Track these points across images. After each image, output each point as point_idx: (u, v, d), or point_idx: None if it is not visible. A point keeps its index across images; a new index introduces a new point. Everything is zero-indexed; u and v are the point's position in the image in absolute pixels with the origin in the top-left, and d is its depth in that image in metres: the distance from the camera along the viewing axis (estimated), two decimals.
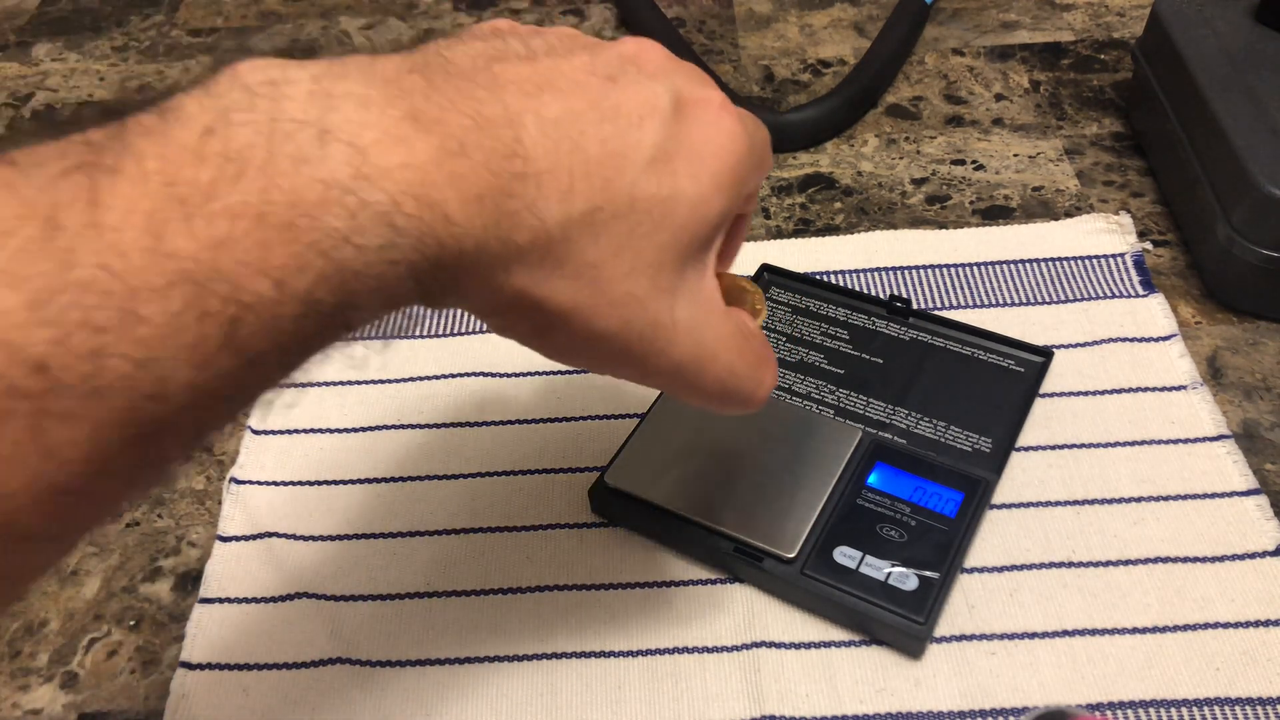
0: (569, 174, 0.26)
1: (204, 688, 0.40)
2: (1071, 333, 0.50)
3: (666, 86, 0.29)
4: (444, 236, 0.24)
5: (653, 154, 0.27)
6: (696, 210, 0.28)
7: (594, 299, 0.27)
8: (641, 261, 0.27)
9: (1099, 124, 0.62)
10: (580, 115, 0.27)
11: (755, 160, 0.31)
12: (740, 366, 0.31)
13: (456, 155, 0.24)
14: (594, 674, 0.39)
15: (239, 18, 0.75)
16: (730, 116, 0.29)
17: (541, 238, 0.26)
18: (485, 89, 0.26)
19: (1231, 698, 0.37)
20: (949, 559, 0.40)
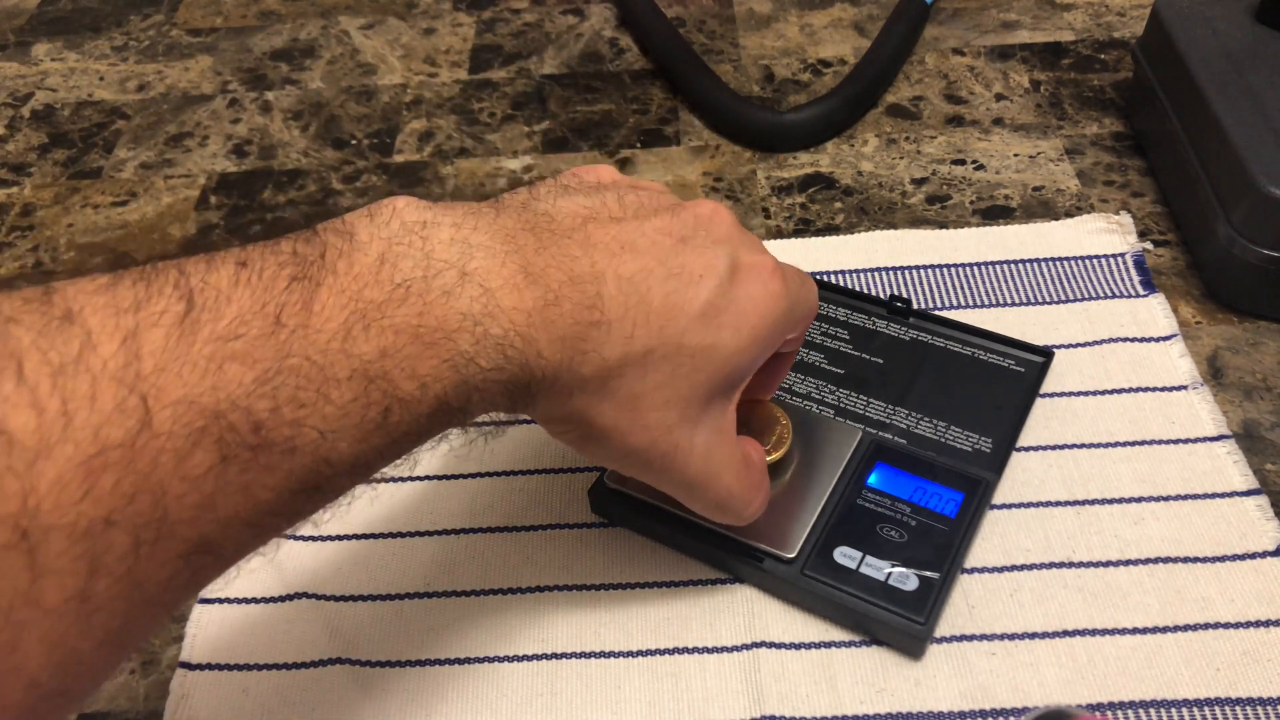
0: (633, 323, 0.32)
1: (204, 688, 0.40)
2: (1072, 333, 0.50)
3: (728, 251, 0.34)
4: (534, 366, 0.30)
5: (704, 308, 0.33)
6: (731, 359, 0.34)
7: (632, 422, 0.33)
8: (677, 395, 0.33)
9: (1099, 124, 0.62)
10: (651, 272, 0.33)
11: (794, 317, 0.36)
12: (737, 489, 0.36)
13: (552, 305, 0.30)
14: (594, 674, 0.39)
15: (239, 18, 0.75)
16: (777, 280, 0.35)
17: (602, 372, 0.32)
18: (579, 247, 0.32)
19: (1232, 698, 0.37)
20: (949, 559, 0.40)
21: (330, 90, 0.68)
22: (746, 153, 0.62)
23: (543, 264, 0.31)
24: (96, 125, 0.67)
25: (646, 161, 0.62)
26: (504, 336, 0.29)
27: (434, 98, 0.67)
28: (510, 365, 0.29)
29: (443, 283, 0.29)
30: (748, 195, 0.59)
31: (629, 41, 0.71)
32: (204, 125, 0.66)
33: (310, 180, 0.62)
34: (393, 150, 0.64)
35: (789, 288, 0.35)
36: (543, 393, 0.31)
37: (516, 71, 0.69)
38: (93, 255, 0.58)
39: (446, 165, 0.62)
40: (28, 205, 0.62)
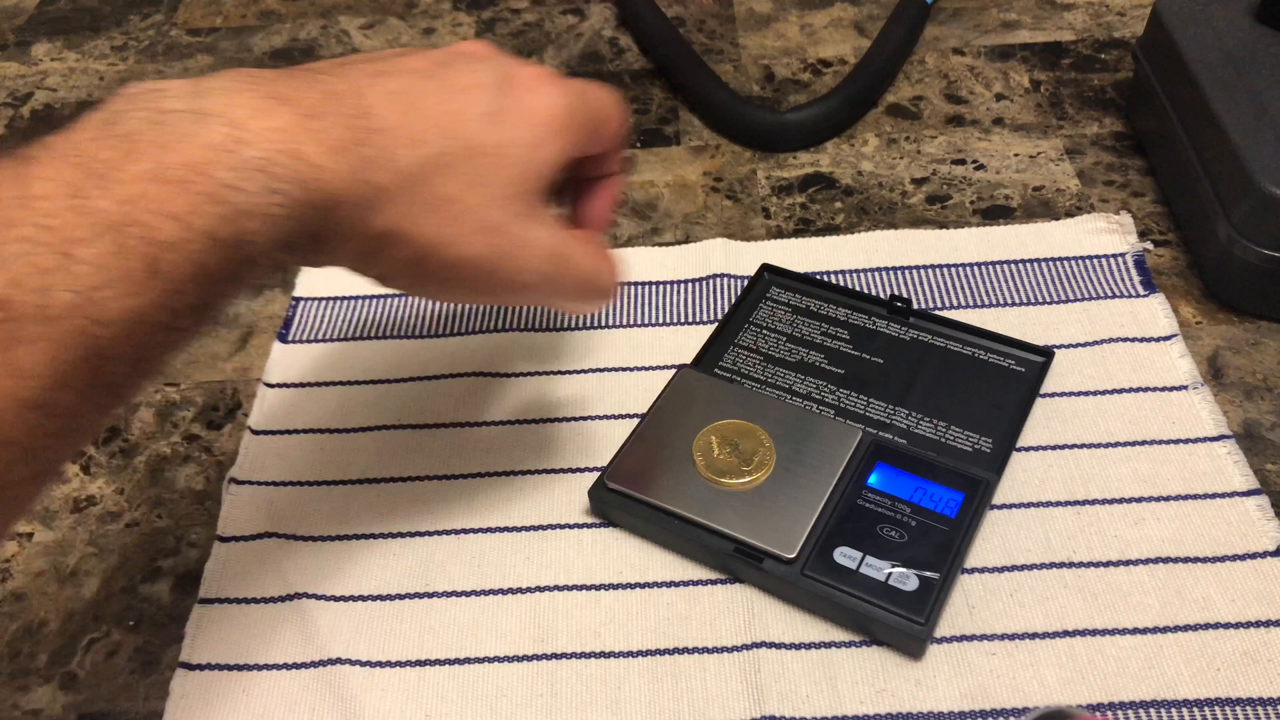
0: (415, 129, 0.32)
1: (204, 688, 0.40)
2: (1072, 333, 0.50)
3: (491, 66, 0.35)
4: (312, 180, 0.29)
5: (485, 110, 0.33)
6: (532, 153, 0.34)
7: (456, 227, 0.33)
8: (494, 194, 0.33)
9: (1099, 124, 0.62)
10: (415, 86, 0.33)
11: (583, 117, 0.36)
12: (591, 263, 0.37)
13: (313, 118, 0.30)
14: (594, 674, 0.39)
15: (238, 18, 0.75)
16: (550, 82, 0.35)
17: (400, 178, 0.31)
18: (332, 76, 0.32)
19: (1232, 698, 0.37)
20: (949, 559, 0.40)
21: None
22: (746, 153, 0.62)
23: (292, 89, 0.30)
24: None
25: (646, 161, 0.62)
26: (265, 157, 0.29)
27: None
28: (284, 185, 0.29)
29: (177, 125, 0.28)
30: (748, 195, 0.59)
31: (629, 41, 0.71)
32: None
33: None
34: None
35: (567, 88, 0.36)
36: (340, 211, 0.30)
37: None
38: None
39: None
40: None
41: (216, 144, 0.28)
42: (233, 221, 0.28)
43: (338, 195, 0.30)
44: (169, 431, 0.49)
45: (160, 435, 0.49)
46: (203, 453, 0.48)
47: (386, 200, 0.31)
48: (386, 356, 0.51)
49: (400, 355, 0.51)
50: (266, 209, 0.29)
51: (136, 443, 0.49)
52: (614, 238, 0.57)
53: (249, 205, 0.28)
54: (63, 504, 0.46)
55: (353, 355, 0.51)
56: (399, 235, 0.32)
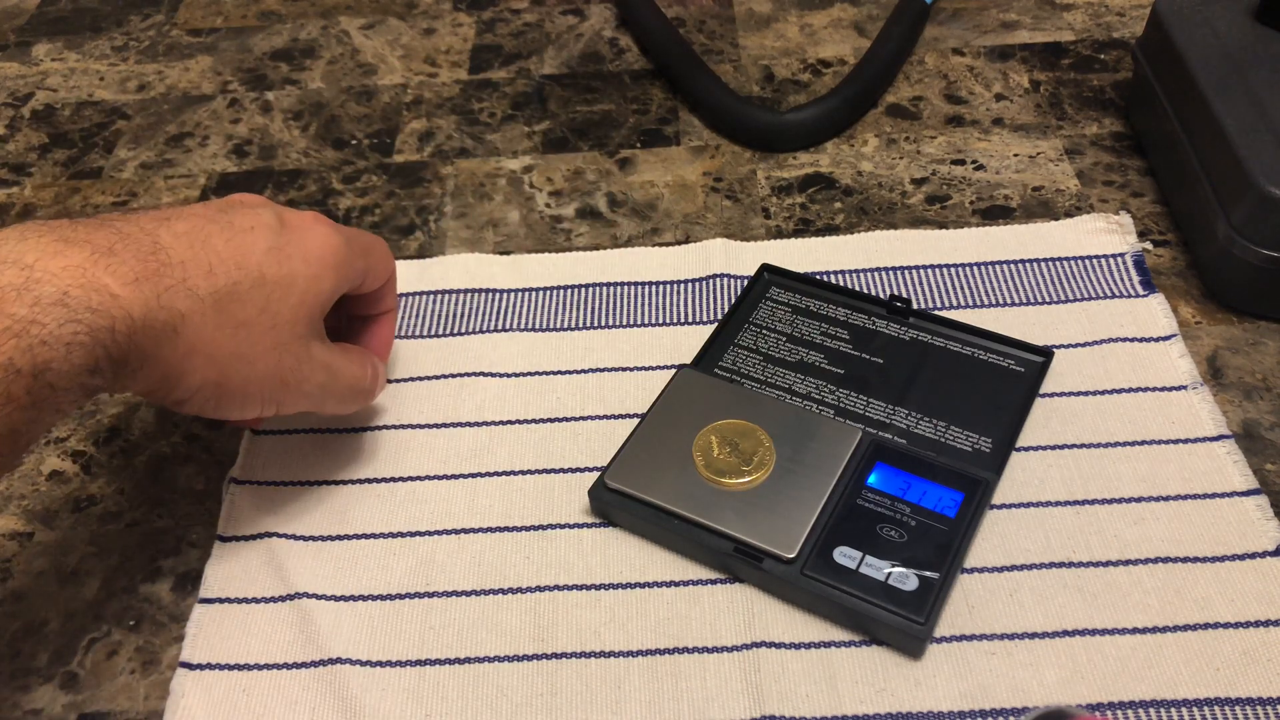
0: (207, 262, 0.36)
1: (204, 688, 0.40)
2: (1071, 333, 0.50)
3: (269, 210, 0.39)
4: (113, 306, 0.32)
5: (268, 246, 0.38)
6: (313, 283, 0.39)
7: (251, 346, 0.37)
8: (281, 319, 0.38)
9: (1099, 124, 0.62)
10: (202, 228, 0.37)
11: (356, 256, 0.42)
12: (356, 372, 0.43)
13: (108, 255, 0.33)
14: (594, 674, 0.39)
15: (239, 18, 0.75)
16: (322, 225, 0.40)
17: (198, 304, 0.35)
18: (122, 221, 0.35)
19: (1231, 698, 0.37)
20: (949, 559, 0.40)
21: (330, 90, 0.68)
22: (746, 153, 0.62)
23: (84, 233, 0.34)
24: (97, 125, 0.67)
25: (646, 161, 0.62)
26: (59, 292, 0.31)
27: (434, 98, 0.67)
28: (84, 314, 0.32)
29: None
30: (748, 195, 0.59)
31: (629, 41, 0.71)
32: (204, 125, 0.66)
33: (310, 180, 0.62)
34: (393, 150, 0.64)
35: (337, 230, 0.41)
36: (144, 336, 0.33)
37: (516, 71, 0.69)
38: None
39: (446, 165, 0.62)
40: (28, 205, 0.62)
41: (10, 284, 0.31)
42: (32, 352, 0.31)
43: (139, 319, 0.33)
44: (169, 431, 0.49)
45: (160, 435, 0.49)
46: (203, 453, 0.48)
47: (186, 325, 0.35)
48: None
49: (400, 355, 0.51)
50: (67, 338, 0.31)
51: (137, 442, 0.49)
52: (614, 238, 0.57)
53: (48, 336, 0.31)
54: (63, 504, 0.46)
55: None
56: (200, 355, 0.36)
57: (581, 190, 0.60)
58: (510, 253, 0.56)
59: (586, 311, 0.52)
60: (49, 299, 0.31)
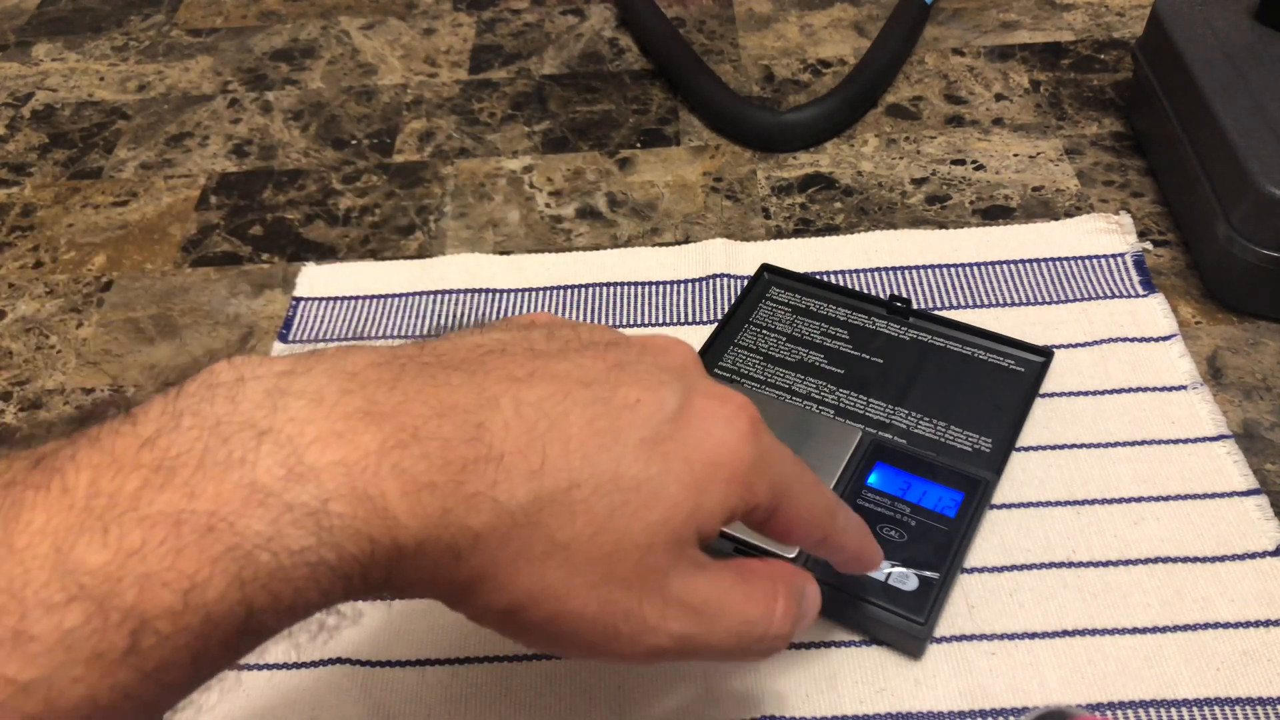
0: (542, 453, 0.25)
1: (204, 688, 0.39)
2: (1071, 333, 0.50)
3: (680, 382, 0.27)
4: (378, 531, 0.23)
5: (644, 435, 0.26)
6: (686, 499, 0.26)
7: (569, 580, 0.25)
8: (626, 543, 0.26)
9: (1099, 124, 0.62)
10: (567, 395, 0.26)
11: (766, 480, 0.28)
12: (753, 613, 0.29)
13: (405, 445, 0.23)
14: (594, 674, 0.39)
15: (239, 18, 0.75)
16: (743, 422, 0.28)
17: (504, 519, 0.24)
18: (465, 375, 0.25)
19: (1231, 698, 0.37)
20: (949, 559, 0.40)
21: (330, 90, 0.69)
22: (746, 153, 0.62)
23: (399, 398, 0.24)
24: (97, 125, 0.67)
25: (646, 161, 0.62)
26: (317, 504, 0.22)
27: (434, 98, 0.67)
28: (335, 540, 0.22)
29: (227, 451, 0.22)
30: (748, 195, 0.59)
31: (629, 41, 0.71)
32: (204, 125, 0.66)
33: (310, 180, 0.62)
34: (393, 150, 0.64)
35: (760, 437, 0.28)
36: (410, 565, 0.24)
37: (516, 71, 0.69)
38: (92, 255, 0.58)
39: (446, 165, 0.62)
40: (28, 205, 0.62)
41: (262, 482, 0.22)
42: (247, 590, 0.22)
43: (410, 548, 0.24)
44: None
45: None
46: None
47: (478, 548, 0.24)
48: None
49: None
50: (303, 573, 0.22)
51: None
52: (614, 238, 0.57)
53: (278, 569, 0.22)
54: None
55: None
56: (490, 583, 0.25)
57: (581, 190, 0.60)
58: (510, 253, 0.56)
59: (586, 311, 0.52)
60: (300, 510, 0.22)
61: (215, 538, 0.21)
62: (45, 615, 0.20)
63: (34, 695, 0.20)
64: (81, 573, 0.20)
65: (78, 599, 0.20)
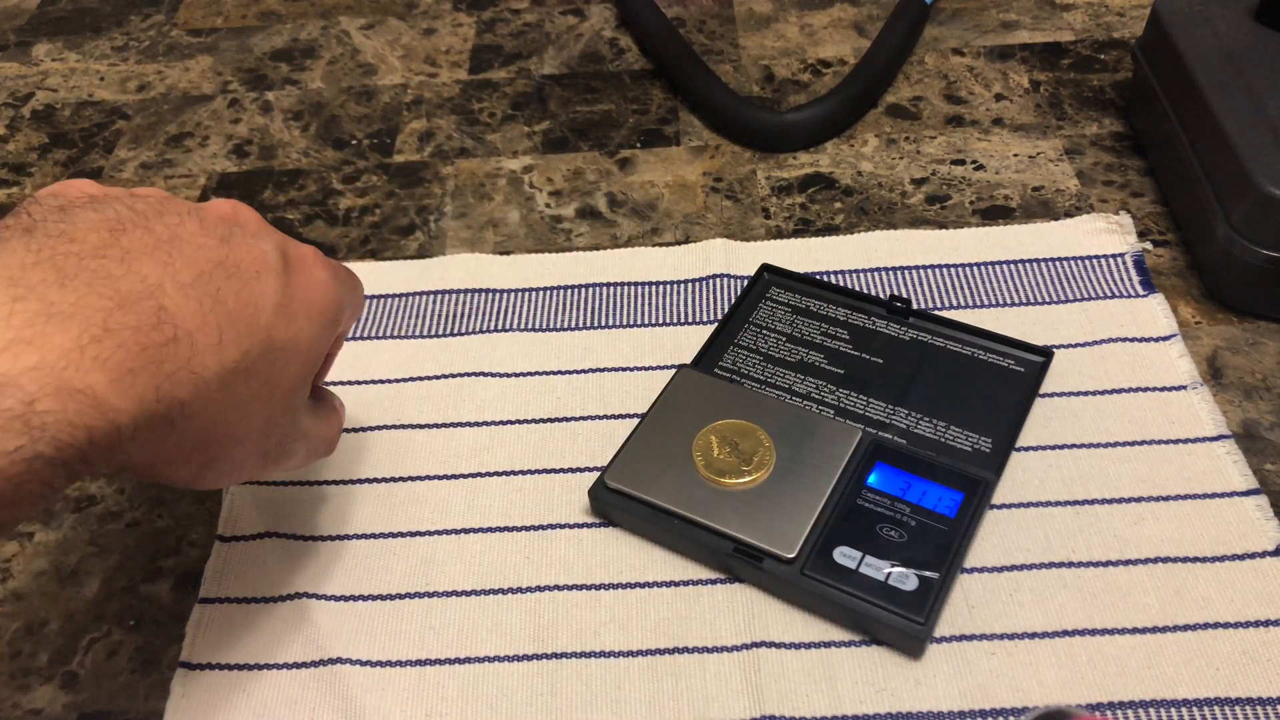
0: (217, 329, 0.30)
1: (204, 688, 0.40)
2: (1071, 333, 0.50)
3: (271, 244, 0.33)
4: (92, 419, 0.26)
5: (276, 302, 0.32)
6: (312, 348, 0.34)
7: (244, 427, 0.32)
8: (279, 391, 0.33)
9: (1099, 124, 0.62)
10: (211, 275, 0.30)
11: (349, 306, 0.37)
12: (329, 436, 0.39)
13: (100, 339, 0.26)
14: (594, 674, 0.39)
15: (239, 18, 0.75)
16: (324, 269, 0.35)
17: (202, 390, 0.29)
18: (118, 264, 0.28)
19: (1231, 698, 0.37)
20: (949, 559, 0.40)
21: (330, 90, 0.69)
22: (746, 153, 0.62)
23: (73, 297, 0.26)
24: (97, 125, 0.67)
25: (646, 161, 0.62)
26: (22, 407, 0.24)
27: (434, 98, 0.67)
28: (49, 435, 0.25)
29: None
30: (748, 195, 0.59)
31: (629, 41, 0.71)
32: (204, 125, 0.66)
33: (310, 180, 0.62)
34: (393, 150, 0.64)
35: (336, 276, 0.36)
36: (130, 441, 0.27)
37: (516, 71, 0.69)
38: None
39: (446, 165, 0.62)
40: None
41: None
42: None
43: (127, 428, 0.27)
44: None
45: None
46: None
47: (184, 416, 0.29)
48: (386, 356, 0.51)
49: (400, 355, 0.51)
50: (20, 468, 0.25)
51: None
52: (614, 238, 0.57)
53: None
54: (64, 504, 0.46)
55: (352, 355, 0.51)
56: (191, 444, 0.30)
57: (581, 190, 0.60)
58: (510, 253, 0.56)
59: (586, 311, 0.53)
60: (5, 415, 0.24)
61: None
62: None
63: None
64: None
65: None
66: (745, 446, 0.43)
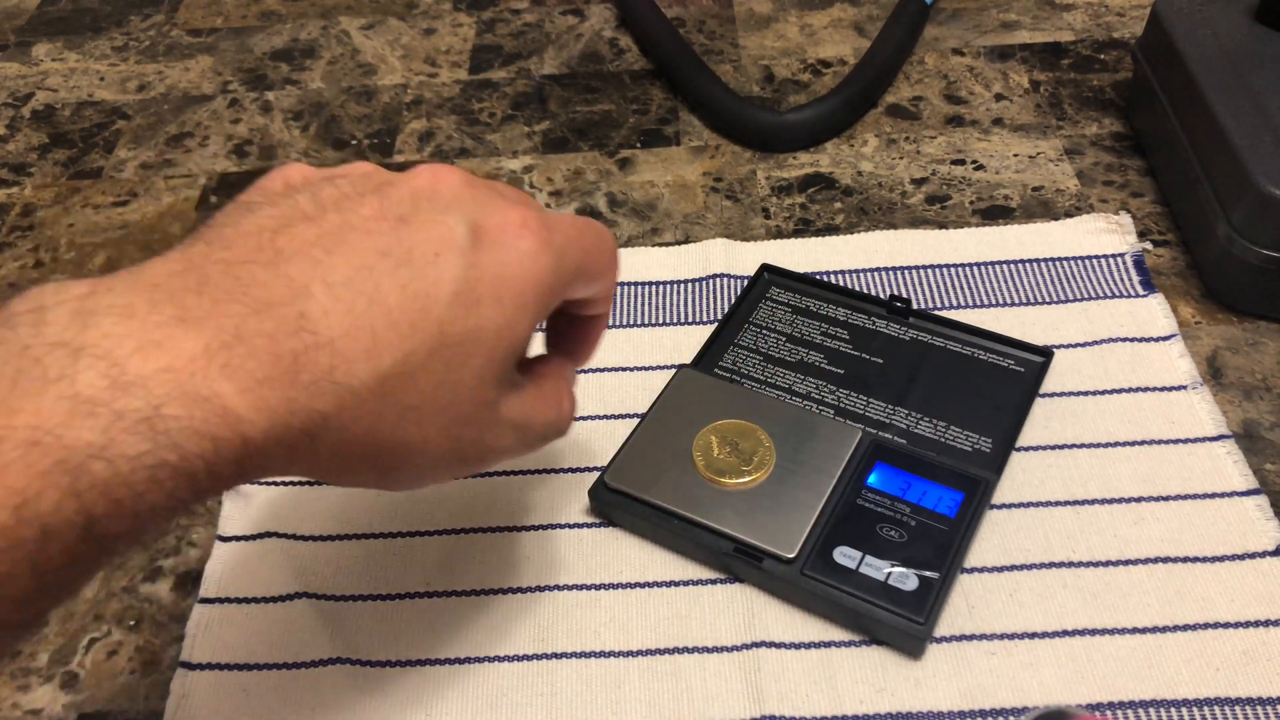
0: (369, 334, 0.27)
1: (204, 688, 0.40)
2: (1071, 333, 0.50)
3: (460, 217, 0.29)
4: (219, 429, 0.24)
5: (455, 288, 0.28)
6: (503, 334, 0.29)
7: (421, 433, 0.28)
8: (462, 389, 0.29)
9: (1099, 124, 0.62)
10: (373, 268, 0.27)
11: (567, 270, 0.31)
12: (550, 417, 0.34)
13: (230, 346, 0.24)
14: (594, 674, 0.39)
15: (239, 18, 0.75)
16: (530, 237, 0.30)
17: (350, 399, 0.26)
18: (266, 268, 0.26)
19: (1231, 698, 0.37)
20: (949, 559, 0.40)
21: (330, 90, 0.69)
22: (746, 153, 0.62)
23: (208, 304, 0.25)
24: (97, 125, 0.67)
25: (646, 161, 0.62)
26: (149, 410, 0.23)
27: (434, 98, 0.67)
28: (174, 442, 0.23)
29: (42, 370, 0.22)
30: (748, 195, 0.59)
31: (629, 41, 0.71)
32: (204, 125, 0.66)
33: None
34: (393, 150, 0.64)
35: (550, 238, 0.31)
36: (263, 455, 0.25)
37: (516, 71, 0.69)
38: (93, 255, 0.58)
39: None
40: (28, 205, 0.62)
41: (85, 395, 0.22)
42: (83, 499, 0.22)
43: (256, 441, 0.25)
44: None
45: None
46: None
47: (329, 429, 0.26)
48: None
49: None
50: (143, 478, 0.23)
51: None
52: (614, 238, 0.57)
53: (113, 476, 0.22)
54: None
55: None
56: (351, 457, 0.28)
57: (581, 190, 0.60)
58: None
59: None
60: (132, 418, 0.23)
61: (42, 451, 0.22)
62: None
63: None
64: None
65: None
66: (745, 446, 0.43)
